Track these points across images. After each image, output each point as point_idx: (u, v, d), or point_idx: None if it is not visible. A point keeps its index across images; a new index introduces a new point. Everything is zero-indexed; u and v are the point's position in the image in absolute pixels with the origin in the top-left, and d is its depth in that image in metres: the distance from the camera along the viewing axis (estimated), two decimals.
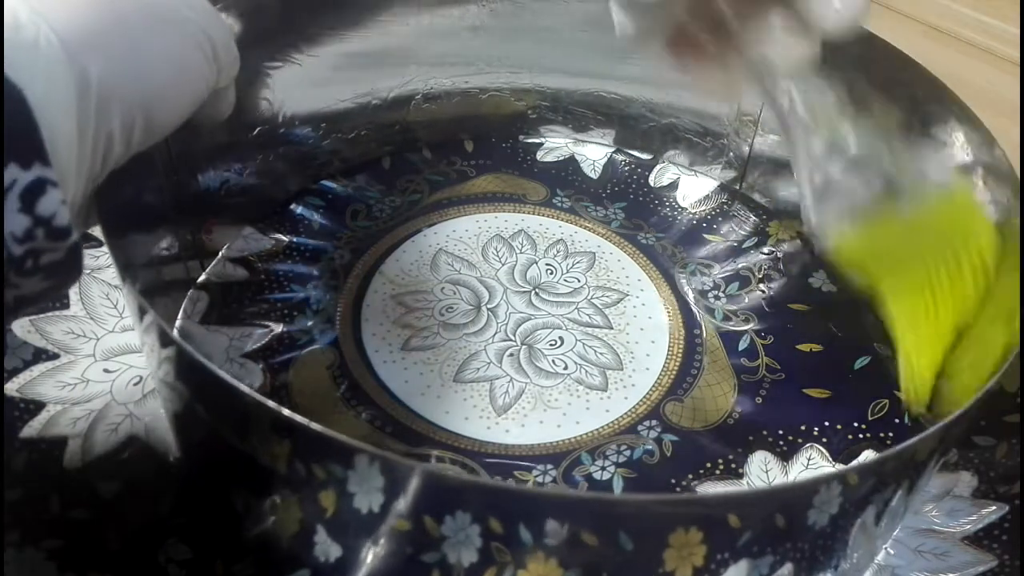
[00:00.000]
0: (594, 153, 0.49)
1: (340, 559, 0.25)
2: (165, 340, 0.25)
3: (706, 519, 0.22)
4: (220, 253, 0.41)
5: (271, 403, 0.22)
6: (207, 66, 0.29)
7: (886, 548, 0.32)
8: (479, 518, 0.21)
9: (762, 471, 0.35)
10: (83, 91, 0.24)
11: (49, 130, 0.22)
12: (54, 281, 0.24)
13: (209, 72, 0.29)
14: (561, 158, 0.48)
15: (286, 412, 0.22)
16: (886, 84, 0.38)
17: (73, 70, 0.23)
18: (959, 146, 0.35)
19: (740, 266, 0.43)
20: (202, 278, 0.39)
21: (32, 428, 0.33)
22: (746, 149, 0.45)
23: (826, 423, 0.36)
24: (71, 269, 0.24)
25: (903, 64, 0.37)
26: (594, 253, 0.43)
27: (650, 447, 0.35)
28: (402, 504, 0.22)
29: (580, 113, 0.48)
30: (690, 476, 0.34)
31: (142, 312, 0.25)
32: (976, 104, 0.35)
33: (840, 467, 0.34)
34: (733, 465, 0.35)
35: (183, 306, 0.38)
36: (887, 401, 0.37)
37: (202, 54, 0.28)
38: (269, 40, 0.39)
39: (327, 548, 0.25)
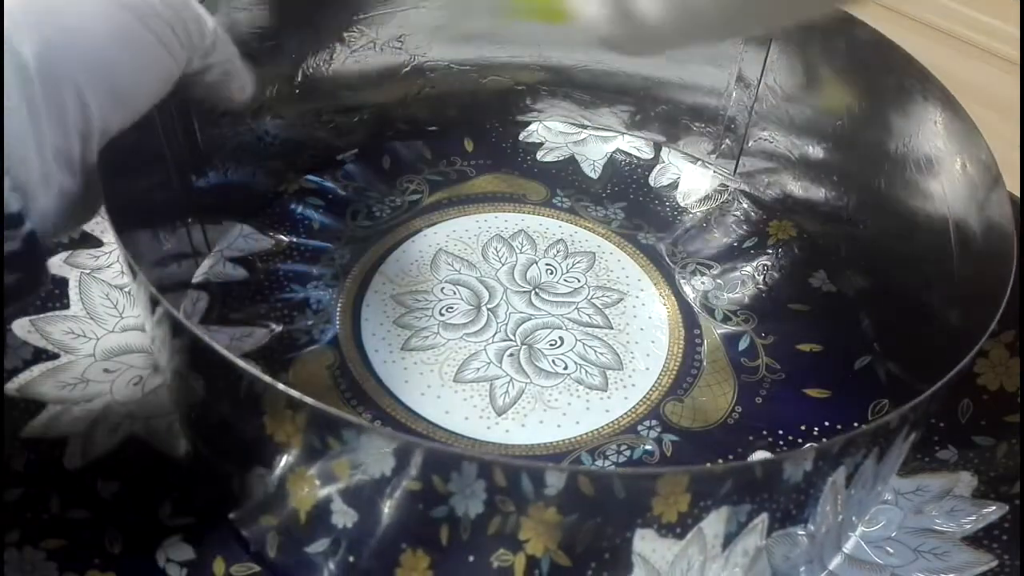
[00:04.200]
0: (594, 153, 0.49)
1: (357, 523, 0.25)
2: (178, 330, 0.25)
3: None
4: (220, 253, 0.41)
5: (283, 386, 0.22)
6: (171, 41, 0.29)
7: (886, 548, 0.32)
8: (483, 473, 0.23)
9: None
10: (21, 71, 0.24)
11: None
12: (19, 275, 0.24)
13: (174, 48, 0.29)
14: (561, 158, 0.48)
15: (297, 394, 0.22)
16: (870, 69, 0.38)
17: (9, 52, 0.24)
18: (938, 130, 0.35)
19: (740, 266, 0.43)
20: (202, 278, 0.39)
21: (32, 428, 0.33)
22: (742, 131, 0.46)
23: (826, 423, 0.36)
24: (32, 262, 0.24)
25: (890, 51, 0.37)
26: (594, 253, 0.43)
27: (650, 447, 0.35)
28: (412, 467, 0.23)
29: (579, 97, 0.49)
30: None
31: (154, 304, 0.26)
32: (975, 103, 0.35)
33: None
34: None
35: (183, 306, 0.38)
36: (887, 401, 0.37)
37: (159, 29, 0.28)
38: (285, 26, 0.40)
39: (344, 515, 0.25)
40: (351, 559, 0.27)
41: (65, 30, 0.25)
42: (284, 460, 0.25)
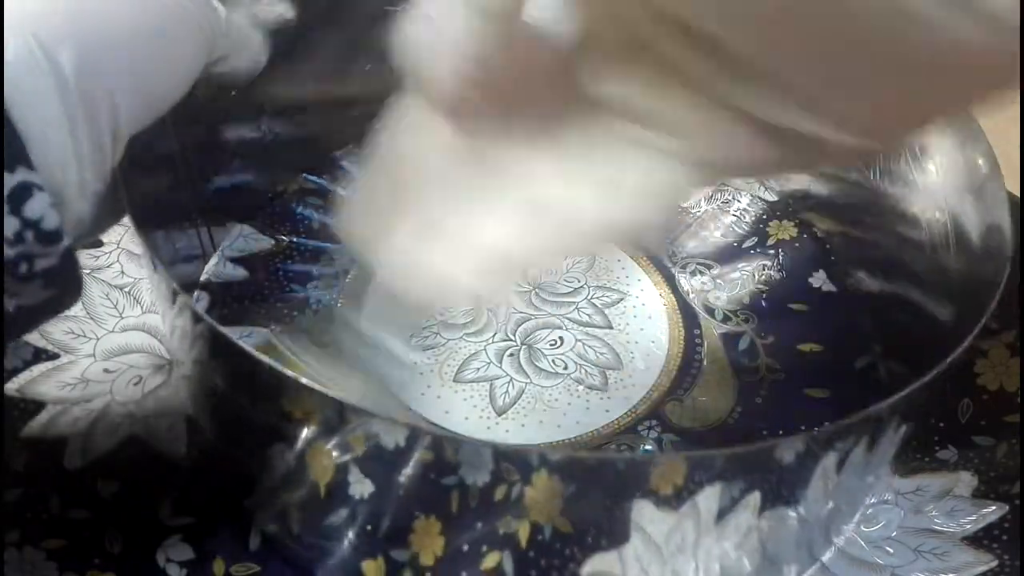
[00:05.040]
0: None
1: (372, 493, 0.26)
2: (197, 320, 0.26)
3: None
4: (220, 253, 0.41)
5: (297, 375, 0.23)
6: (198, 35, 0.28)
7: (886, 548, 0.32)
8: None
9: None
10: (60, 80, 0.23)
11: (33, 127, 0.22)
12: (54, 291, 0.24)
13: (201, 43, 0.29)
14: None
15: (317, 385, 0.23)
16: None
17: (49, 62, 0.23)
18: (937, 126, 0.35)
19: (740, 266, 0.43)
20: (202, 278, 0.39)
21: (32, 428, 0.33)
22: None
23: (826, 423, 0.36)
24: (69, 278, 0.24)
25: None
26: (594, 253, 0.43)
27: (650, 447, 0.35)
28: (423, 439, 0.24)
29: None
30: None
31: (174, 296, 0.26)
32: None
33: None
34: None
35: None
36: None
37: (190, 24, 0.28)
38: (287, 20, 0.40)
39: (361, 486, 0.26)
40: (368, 527, 0.28)
41: (102, 31, 0.25)
42: (303, 436, 0.26)
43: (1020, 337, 0.36)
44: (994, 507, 0.33)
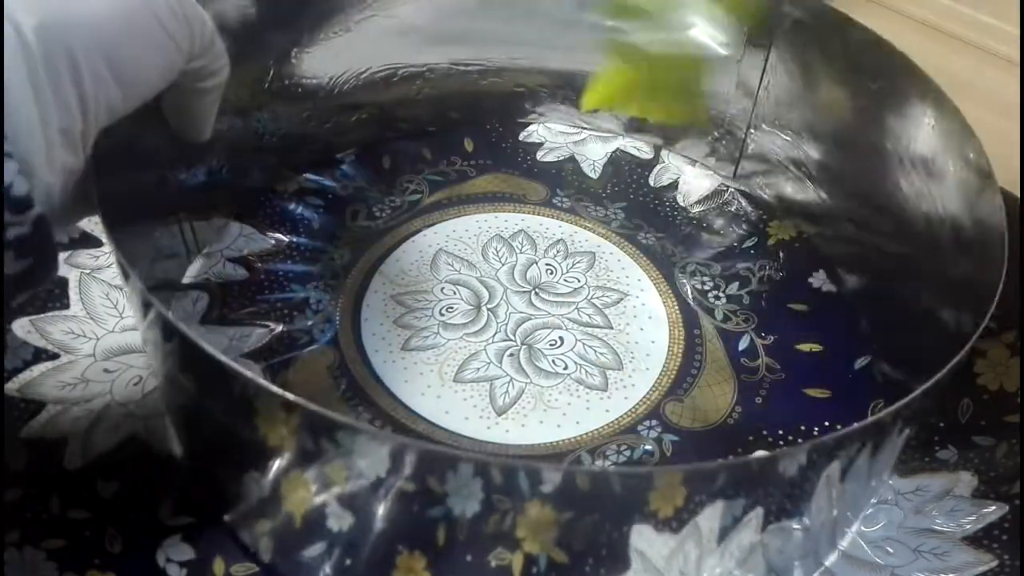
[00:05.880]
0: (594, 153, 0.49)
1: (352, 526, 0.25)
2: (169, 333, 0.25)
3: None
4: (220, 253, 0.41)
5: (275, 388, 0.22)
6: (175, 29, 0.28)
7: (886, 548, 0.32)
8: (480, 472, 0.23)
9: None
10: (24, 43, 0.23)
11: None
12: (27, 261, 0.24)
13: (178, 37, 0.28)
14: (561, 158, 0.48)
15: (291, 396, 0.22)
16: (867, 71, 0.38)
17: (12, 25, 0.23)
18: (932, 131, 0.35)
19: (740, 266, 0.43)
20: (202, 278, 0.39)
21: (32, 428, 0.33)
22: (740, 136, 0.46)
23: (826, 423, 0.36)
24: (42, 249, 0.24)
25: (886, 52, 0.37)
26: (594, 253, 0.43)
27: (650, 447, 0.35)
28: (407, 468, 0.23)
29: (578, 101, 0.49)
30: None
31: (146, 306, 0.26)
32: (974, 103, 0.35)
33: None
34: None
35: (183, 305, 0.38)
36: (886, 401, 0.37)
37: (163, 13, 0.28)
38: (283, 21, 0.40)
39: (340, 518, 0.25)
40: (347, 562, 0.27)
41: (65, 2, 0.25)
42: (278, 464, 0.25)
43: (1020, 337, 0.36)
44: (994, 507, 0.33)
